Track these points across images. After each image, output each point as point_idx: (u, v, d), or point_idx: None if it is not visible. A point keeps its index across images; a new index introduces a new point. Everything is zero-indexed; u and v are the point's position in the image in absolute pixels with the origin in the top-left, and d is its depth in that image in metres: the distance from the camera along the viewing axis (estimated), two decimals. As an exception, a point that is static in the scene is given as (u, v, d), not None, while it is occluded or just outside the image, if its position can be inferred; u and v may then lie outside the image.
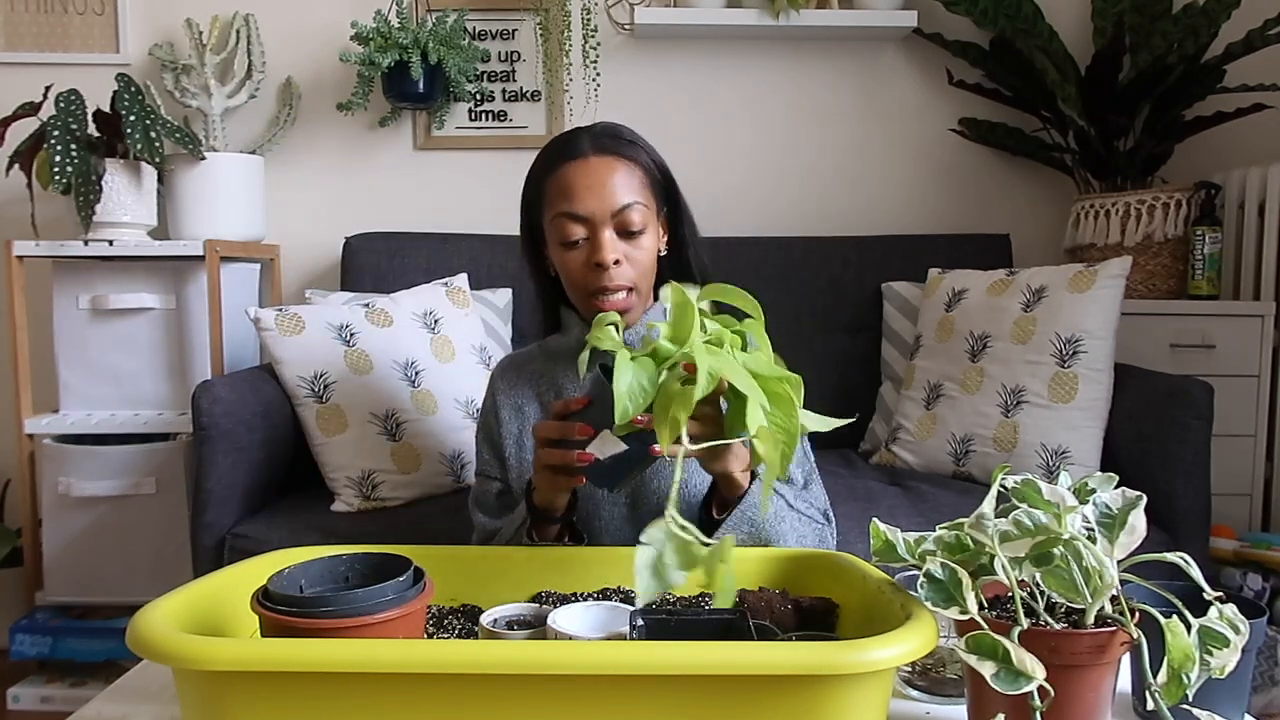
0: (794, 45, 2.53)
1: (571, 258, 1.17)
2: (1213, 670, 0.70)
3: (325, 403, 1.86)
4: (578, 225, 1.15)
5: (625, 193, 1.15)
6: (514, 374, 1.30)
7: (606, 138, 1.19)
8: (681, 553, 0.71)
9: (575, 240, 1.16)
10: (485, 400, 1.32)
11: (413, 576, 0.80)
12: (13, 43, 2.47)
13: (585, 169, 1.15)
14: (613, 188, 1.15)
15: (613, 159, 1.16)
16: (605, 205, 1.14)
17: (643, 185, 1.18)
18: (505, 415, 1.27)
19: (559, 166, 1.17)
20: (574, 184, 1.15)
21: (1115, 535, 0.72)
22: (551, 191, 1.18)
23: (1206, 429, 1.71)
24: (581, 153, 1.16)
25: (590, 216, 1.15)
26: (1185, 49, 2.17)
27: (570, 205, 1.15)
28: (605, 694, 0.67)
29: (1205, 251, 2.22)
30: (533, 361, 1.31)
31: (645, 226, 1.17)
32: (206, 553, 1.76)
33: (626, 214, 1.15)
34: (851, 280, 2.33)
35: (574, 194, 1.15)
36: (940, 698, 0.87)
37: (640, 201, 1.16)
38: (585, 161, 1.16)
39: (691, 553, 0.71)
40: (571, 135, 1.20)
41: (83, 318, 2.15)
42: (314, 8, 2.50)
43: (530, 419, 1.26)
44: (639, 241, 1.17)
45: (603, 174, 1.15)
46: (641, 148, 1.21)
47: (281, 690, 0.67)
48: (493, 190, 2.55)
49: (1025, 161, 2.54)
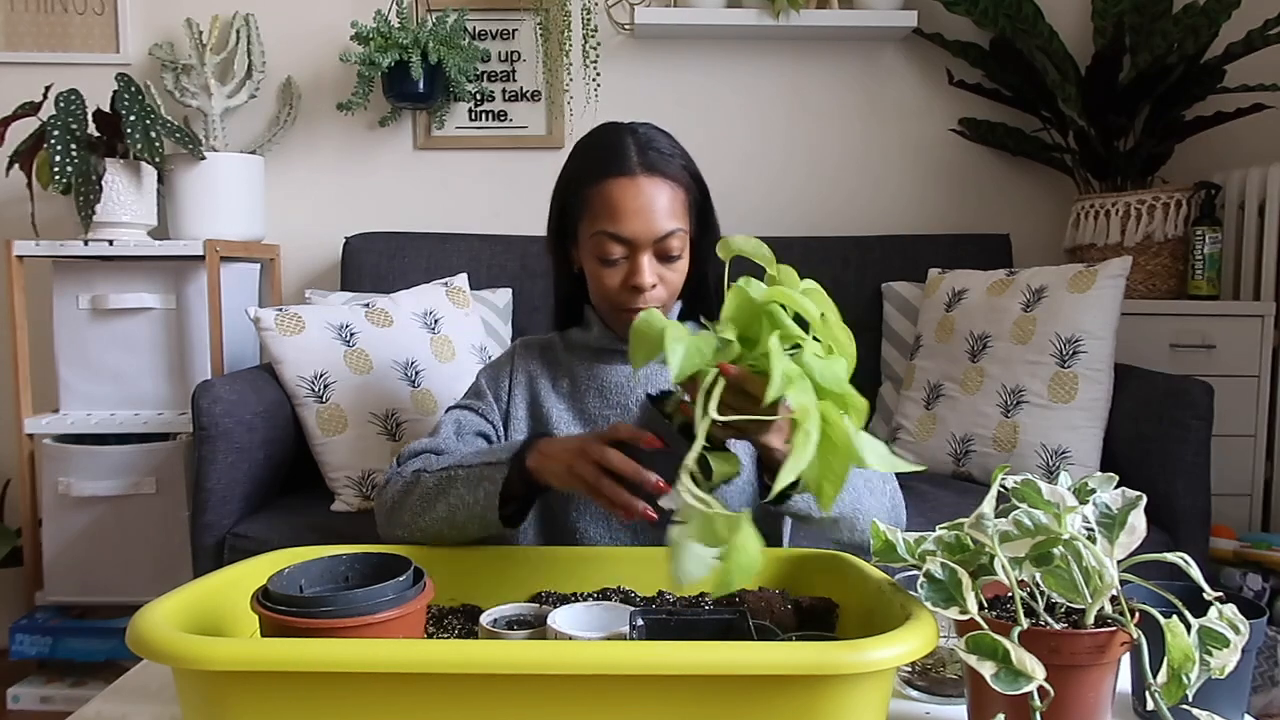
0: (794, 45, 2.53)
1: (608, 274, 1.17)
2: (1213, 670, 0.70)
3: (325, 403, 1.86)
4: (618, 246, 1.15)
5: (669, 219, 1.15)
6: (537, 351, 1.31)
7: (654, 152, 1.17)
8: (704, 529, 0.69)
9: (614, 259, 1.16)
10: (501, 358, 1.32)
11: (412, 576, 0.80)
12: (13, 43, 2.47)
13: (634, 190, 1.14)
14: (658, 214, 1.14)
15: (660, 180, 1.15)
16: (649, 231, 1.14)
17: (685, 209, 1.18)
18: (520, 379, 1.28)
19: (605, 180, 1.15)
20: (620, 205, 1.14)
21: (1115, 535, 0.72)
22: (595, 205, 1.16)
23: (1206, 429, 1.71)
24: (630, 170, 1.15)
25: (633, 240, 1.14)
26: (1185, 49, 2.17)
27: (615, 226, 1.14)
28: (605, 694, 0.67)
29: (1205, 251, 2.22)
30: (553, 348, 1.31)
31: (682, 251, 1.18)
32: (206, 553, 1.76)
33: (668, 241, 1.15)
34: (851, 280, 2.33)
35: (619, 216, 1.14)
36: (940, 698, 0.87)
37: (682, 228, 1.17)
38: (634, 181, 1.14)
39: (714, 528, 0.69)
40: (618, 142, 1.18)
41: (83, 318, 2.15)
42: (314, 8, 2.50)
43: (541, 399, 1.26)
44: (674, 265, 1.18)
45: (650, 197, 1.14)
46: (683, 163, 1.19)
47: (281, 690, 0.67)
48: (493, 190, 2.55)
49: (1025, 161, 2.54)
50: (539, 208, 1.31)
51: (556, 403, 1.26)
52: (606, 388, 1.25)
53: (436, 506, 1.07)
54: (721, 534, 0.69)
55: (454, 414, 1.27)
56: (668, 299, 1.20)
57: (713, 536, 0.69)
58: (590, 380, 1.26)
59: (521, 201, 2.54)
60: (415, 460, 1.18)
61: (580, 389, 1.26)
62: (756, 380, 0.81)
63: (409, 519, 1.10)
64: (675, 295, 1.21)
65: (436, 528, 1.08)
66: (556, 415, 1.25)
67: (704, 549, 0.69)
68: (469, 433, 1.25)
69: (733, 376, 0.81)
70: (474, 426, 1.26)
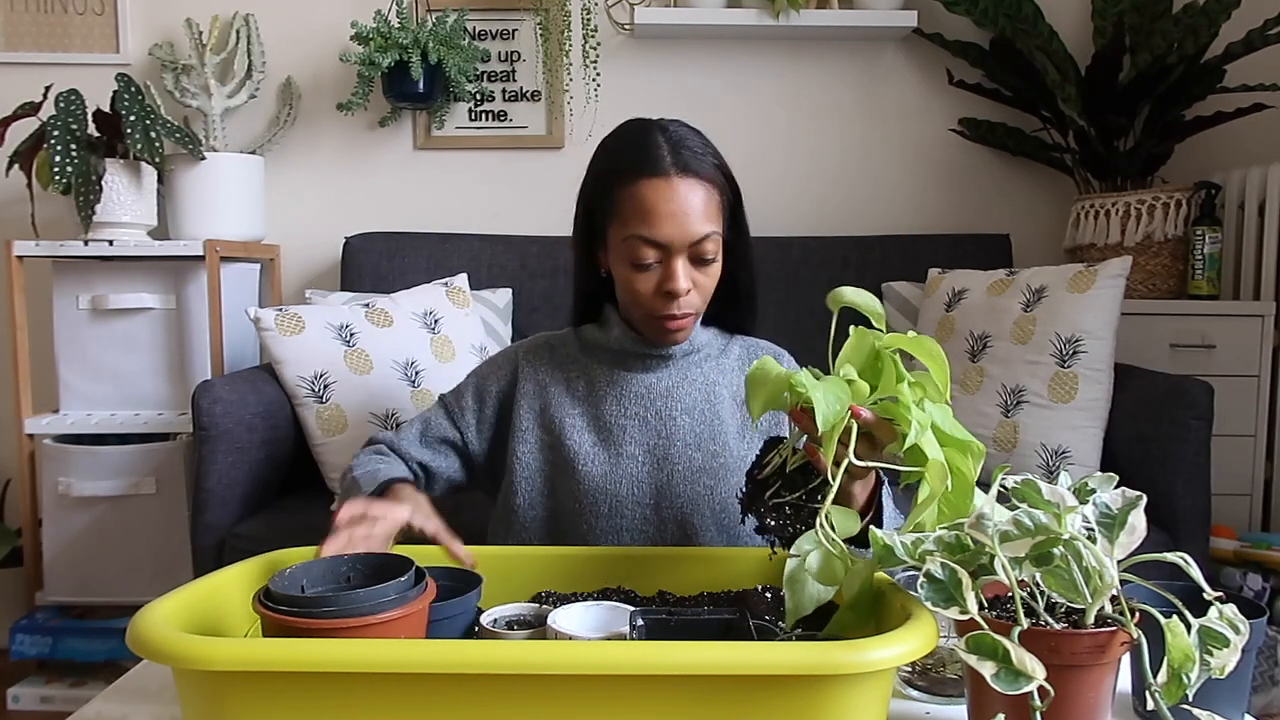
0: (794, 45, 2.53)
1: (641, 279, 1.13)
2: (1213, 670, 0.70)
3: (325, 403, 1.86)
4: (652, 250, 1.11)
5: (703, 222, 1.11)
6: (546, 354, 1.27)
7: (687, 151, 1.12)
8: (826, 568, 0.77)
9: (648, 264, 1.12)
10: (502, 360, 1.29)
11: (414, 576, 0.80)
12: (13, 43, 2.47)
13: (668, 192, 1.10)
14: (693, 216, 1.10)
15: (694, 181, 1.11)
16: (684, 235, 1.10)
17: (718, 210, 1.14)
18: (527, 388, 1.24)
19: (637, 181, 1.11)
20: (654, 208, 1.10)
21: (1115, 535, 0.72)
22: (627, 208, 1.12)
23: (1206, 429, 1.71)
24: (663, 171, 1.10)
25: (668, 244, 1.10)
26: (1185, 49, 2.17)
27: (649, 230, 1.10)
28: (605, 694, 0.67)
29: (1205, 251, 2.22)
30: (567, 347, 1.28)
31: (717, 255, 1.15)
32: (206, 553, 1.76)
33: (703, 244, 1.11)
34: (851, 280, 2.31)
35: (654, 220, 1.10)
36: (940, 698, 0.87)
37: (716, 231, 1.13)
38: (667, 182, 1.10)
39: (835, 568, 0.77)
40: (649, 142, 1.13)
41: (83, 318, 2.15)
42: (314, 8, 2.50)
43: (553, 409, 1.22)
44: (709, 269, 1.15)
45: (684, 200, 1.10)
46: (716, 163, 1.15)
47: (282, 690, 0.67)
48: (493, 190, 2.55)
49: (1025, 161, 2.54)
50: (539, 208, 1.30)
51: (570, 409, 1.22)
52: (626, 395, 1.21)
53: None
54: (840, 574, 0.77)
55: (432, 412, 1.27)
56: (701, 304, 1.16)
57: (832, 577, 0.77)
58: (610, 385, 1.22)
59: (521, 201, 2.54)
60: (368, 449, 1.25)
61: (598, 393, 1.22)
62: (888, 426, 0.84)
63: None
64: (708, 300, 1.18)
65: None
66: (570, 424, 1.21)
67: (820, 586, 0.78)
68: (434, 438, 1.25)
69: (864, 421, 0.83)
70: (440, 433, 1.25)
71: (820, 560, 0.77)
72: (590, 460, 1.19)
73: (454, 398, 1.28)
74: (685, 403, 1.22)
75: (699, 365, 1.25)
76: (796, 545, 0.79)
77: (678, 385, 1.22)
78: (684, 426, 1.21)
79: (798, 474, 0.90)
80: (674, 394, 1.22)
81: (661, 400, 1.21)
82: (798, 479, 0.89)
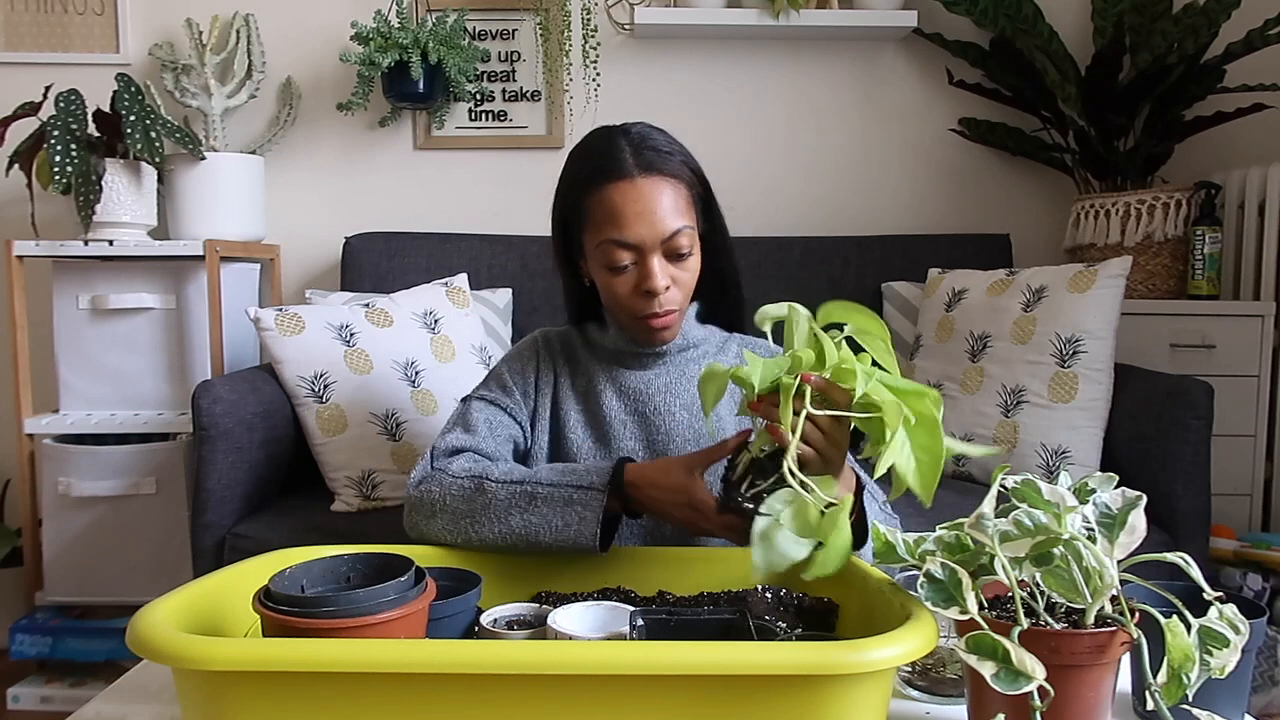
0: (794, 45, 2.53)
1: (619, 282, 1.14)
2: (1213, 670, 0.70)
3: (325, 403, 1.86)
4: (625, 252, 1.11)
5: (674, 217, 1.11)
6: (558, 348, 1.28)
7: (649, 151, 1.13)
8: (800, 517, 0.77)
9: (623, 266, 1.12)
10: (528, 352, 1.28)
11: (414, 576, 0.80)
12: (13, 43, 2.47)
13: (633, 193, 1.10)
14: (662, 213, 1.11)
15: (659, 179, 1.11)
16: (655, 233, 1.10)
17: (688, 205, 1.14)
18: (547, 375, 1.26)
19: (602, 187, 1.12)
20: (621, 210, 1.10)
21: (1115, 535, 0.72)
22: (597, 214, 1.12)
23: (1206, 429, 1.71)
24: (627, 174, 1.11)
25: (640, 244, 1.11)
26: (1185, 49, 2.17)
27: (619, 233, 1.11)
28: (605, 694, 0.67)
29: (1205, 251, 2.22)
30: (573, 344, 1.29)
31: (692, 248, 1.15)
32: (206, 553, 1.76)
33: (676, 239, 1.12)
34: (851, 280, 2.33)
35: (622, 221, 1.10)
36: (940, 698, 0.87)
37: (688, 225, 1.13)
38: (632, 184, 1.10)
39: (809, 517, 0.76)
40: (611, 148, 1.14)
41: (83, 318, 2.15)
42: (314, 8, 2.50)
43: (561, 401, 1.24)
44: (686, 264, 1.15)
45: (651, 198, 1.10)
46: (682, 159, 1.16)
47: (282, 690, 0.67)
48: (493, 190, 2.55)
49: (1025, 161, 2.54)
50: (539, 208, 1.30)
51: (574, 404, 1.24)
52: (623, 391, 1.23)
53: (509, 521, 1.04)
54: (815, 523, 0.77)
55: (481, 409, 1.21)
56: (683, 300, 1.17)
57: (808, 526, 0.77)
58: (608, 382, 1.24)
59: (521, 201, 2.54)
60: (460, 460, 1.13)
61: (596, 390, 1.24)
62: (839, 388, 0.87)
63: (465, 525, 1.05)
64: (690, 295, 1.18)
65: (506, 540, 1.04)
66: (574, 419, 1.23)
67: (798, 538, 0.77)
68: (502, 436, 1.20)
69: (816, 384, 0.87)
70: (506, 430, 1.21)
71: (794, 512, 0.77)
72: (588, 457, 1.21)
73: (498, 390, 1.24)
74: (684, 399, 1.22)
75: (697, 362, 1.25)
76: (767, 505, 0.80)
77: (676, 381, 1.23)
78: (683, 422, 1.21)
79: (768, 461, 0.91)
80: (672, 390, 1.23)
81: (660, 396, 1.22)
82: (768, 466, 0.90)
